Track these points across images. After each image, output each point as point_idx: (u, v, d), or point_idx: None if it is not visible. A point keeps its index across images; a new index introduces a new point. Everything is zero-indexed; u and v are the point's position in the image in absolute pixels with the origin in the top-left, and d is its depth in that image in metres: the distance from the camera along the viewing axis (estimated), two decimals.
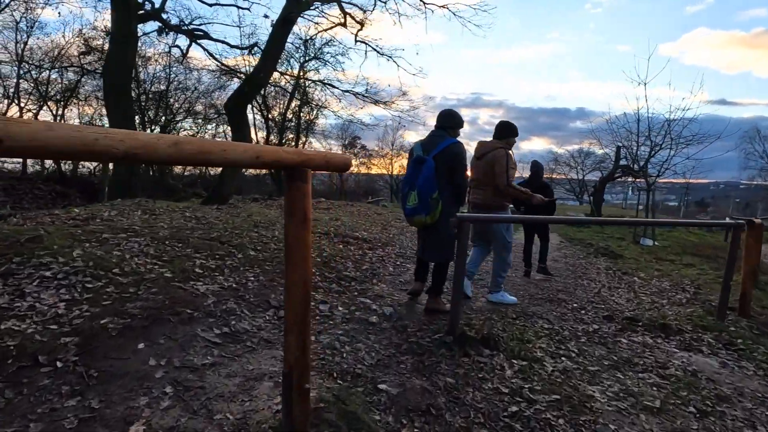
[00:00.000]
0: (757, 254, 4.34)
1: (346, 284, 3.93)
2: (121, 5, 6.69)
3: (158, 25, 9.20)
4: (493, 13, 12.14)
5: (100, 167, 19.59)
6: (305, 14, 9.01)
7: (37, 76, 16.58)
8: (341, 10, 9.98)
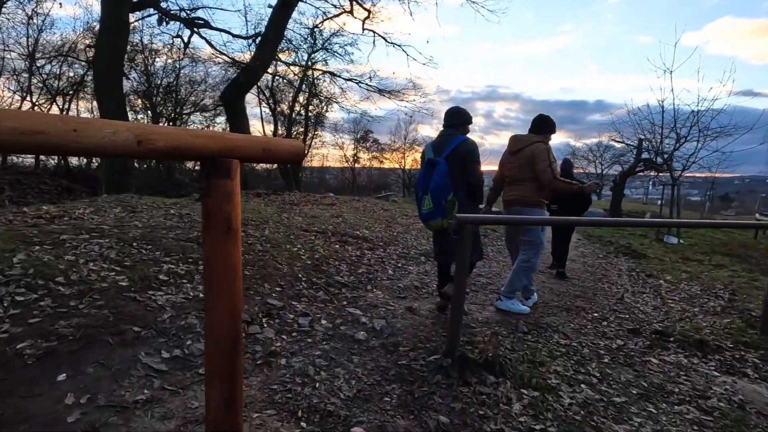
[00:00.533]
0: None
1: (335, 291, 3.51)
2: None
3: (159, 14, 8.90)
4: None
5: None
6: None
7: (48, 70, 16.57)
8: None
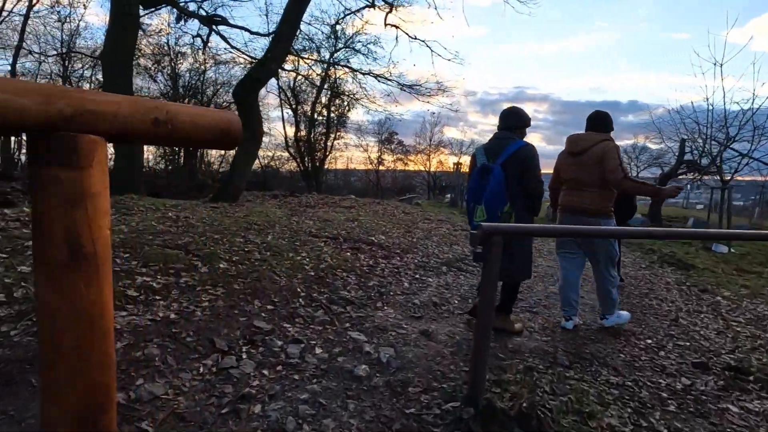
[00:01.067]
0: None
1: (338, 310, 3.01)
2: None
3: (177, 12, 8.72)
4: None
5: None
6: None
7: (80, 74, 16.91)
8: None
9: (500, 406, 1.93)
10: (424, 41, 10.56)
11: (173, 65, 18.06)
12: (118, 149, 7.39)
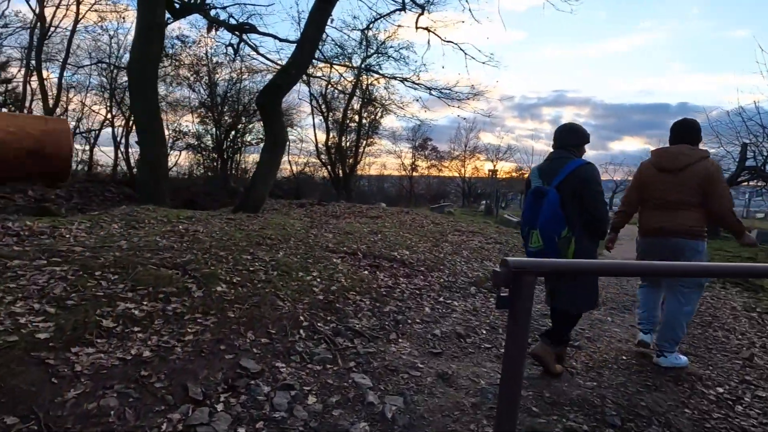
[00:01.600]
0: None
1: (343, 344, 2.64)
2: None
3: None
4: None
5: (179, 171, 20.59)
6: None
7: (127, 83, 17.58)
8: None
9: None
10: (457, 44, 10.12)
11: (210, 75, 18.51)
12: (141, 157, 7.42)
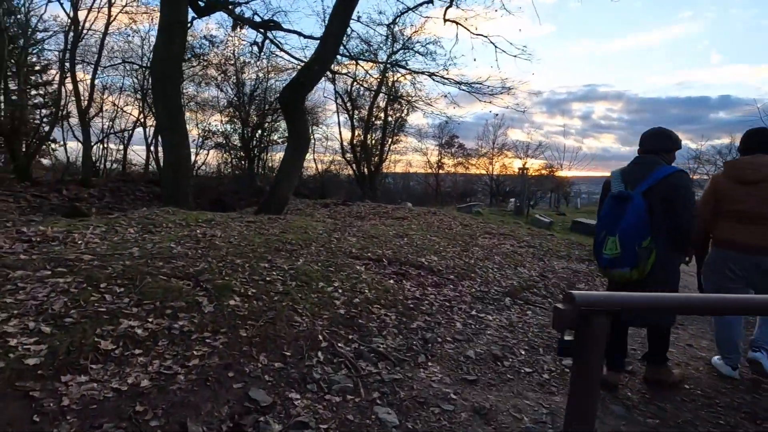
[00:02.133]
0: None
1: (366, 369, 2.35)
2: None
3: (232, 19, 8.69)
4: None
5: (207, 170, 20.91)
6: None
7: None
8: None
9: None
10: (487, 37, 9.65)
11: (237, 74, 18.65)
12: (164, 158, 7.36)
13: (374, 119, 18.75)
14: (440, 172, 31.73)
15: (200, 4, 7.72)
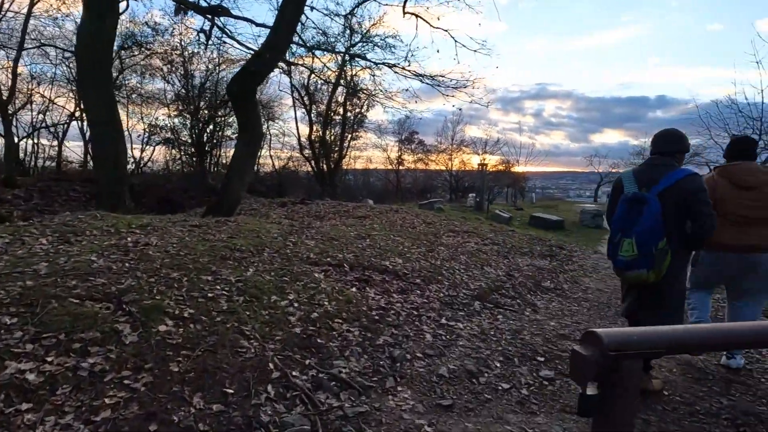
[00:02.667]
0: None
1: (326, 402, 2.00)
2: None
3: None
4: None
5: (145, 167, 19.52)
6: None
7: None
8: None
9: None
10: (447, 31, 9.41)
11: (185, 65, 17.50)
12: (96, 155, 6.62)
13: (333, 114, 18.21)
14: (401, 168, 31.72)
15: None
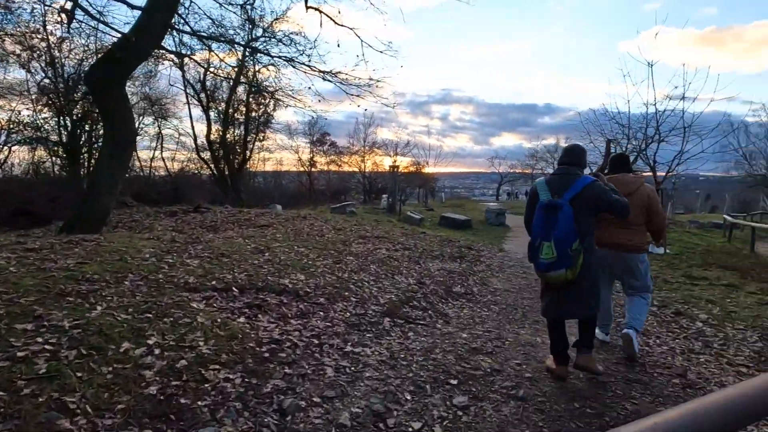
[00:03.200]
0: None
1: None
2: None
3: None
4: None
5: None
6: None
7: None
8: None
9: None
10: (352, 29, 9.06)
11: (51, 52, 14.91)
12: None
13: (234, 113, 16.87)
14: (313, 170, 30.93)
15: None
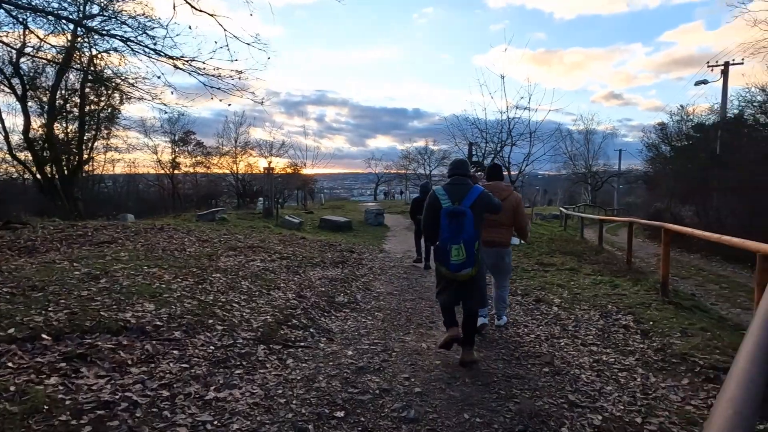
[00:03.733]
0: None
1: None
2: None
3: None
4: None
5: None
6: None
7: None
8: None
9: None
10: (212, 15, 8.01)
11: None
12: None
13: (65, 105, 13.90)
14: (176, 172, 27.62)
15: None
